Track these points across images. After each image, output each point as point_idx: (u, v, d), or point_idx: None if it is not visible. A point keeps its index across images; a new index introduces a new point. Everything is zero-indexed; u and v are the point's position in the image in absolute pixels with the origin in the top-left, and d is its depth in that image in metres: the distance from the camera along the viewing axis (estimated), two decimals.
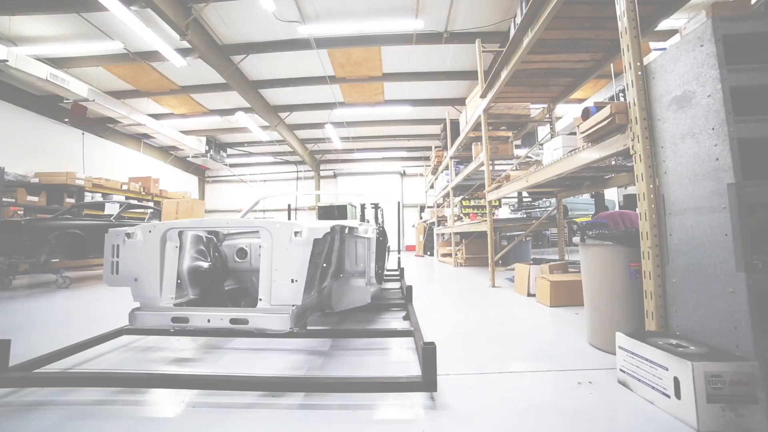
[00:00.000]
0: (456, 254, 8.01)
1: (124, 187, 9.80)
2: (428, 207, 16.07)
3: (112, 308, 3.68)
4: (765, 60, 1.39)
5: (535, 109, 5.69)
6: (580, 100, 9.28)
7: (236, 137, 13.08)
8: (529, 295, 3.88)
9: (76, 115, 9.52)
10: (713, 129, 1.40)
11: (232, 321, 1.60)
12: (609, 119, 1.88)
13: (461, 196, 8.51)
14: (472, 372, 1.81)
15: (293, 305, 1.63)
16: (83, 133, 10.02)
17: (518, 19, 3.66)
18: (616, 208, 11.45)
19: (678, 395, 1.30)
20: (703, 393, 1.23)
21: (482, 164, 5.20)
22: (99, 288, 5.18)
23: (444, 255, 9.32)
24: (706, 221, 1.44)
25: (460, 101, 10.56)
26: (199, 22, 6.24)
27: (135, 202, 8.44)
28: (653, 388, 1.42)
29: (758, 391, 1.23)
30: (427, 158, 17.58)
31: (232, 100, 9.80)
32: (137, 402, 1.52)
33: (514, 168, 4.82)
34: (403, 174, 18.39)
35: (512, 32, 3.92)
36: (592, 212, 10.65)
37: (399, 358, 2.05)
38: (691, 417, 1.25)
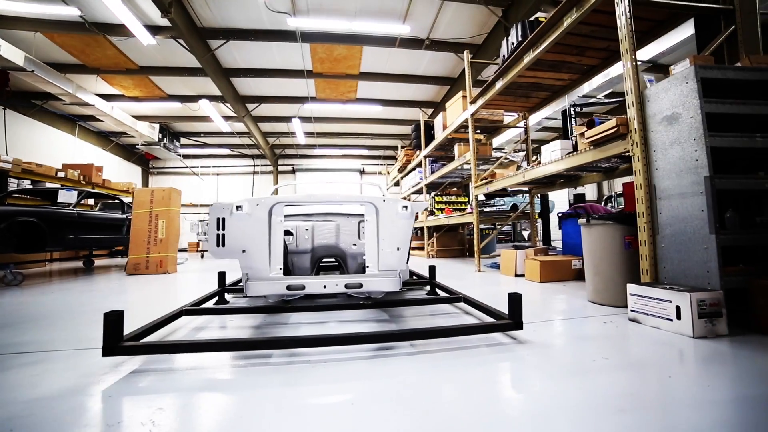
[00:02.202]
0: (428, 247, 8.64)
1: (60, 175, 8.57)
2: None
3: (87, 305, 3.47)
4: (724, 96, 2.10)
5: (508, 116, 6.52)
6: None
7: (193, 126, 12.15)
8: (516, 275, 4.57)
9: None
10: (694, 139, 2.08)
11: (347, 286, 1.84)
12: (615, 129, 2.53)
13: (434, 192, 9.17)
14: (524, 322, 2.30)
15: (399, 270, 1.93)
16: (4, 109, 8.51)
17: (512, 39, 4.31)
18: (555, 208, 13.27)
19: (679, 317, 1.93)
20: (696, 313, 1.87)
21: (467, 162, 5.85)
22: (62, 285, 4.64)
23: (412, 248, 9.92)
24: (688, 202, 2.12)
25: (428, 104, 11.29)
26: (181, 1, 5.88)
27: (84, 191, 7.46)
28: (658, 317, 2.05)
29: (723, 309, 1.91)
30: (388, 157, 18.19)
31: (196, 85, 9.19)
32: (265, 363, 1.66)
33: (497, 167, 5.54)
34: (363, 172, 18.70)
35: (504, 49, 4.57)
36: (538, 210, 12.20)
37: (459, 318, 2.46)
38: (688, 330, 1.88)
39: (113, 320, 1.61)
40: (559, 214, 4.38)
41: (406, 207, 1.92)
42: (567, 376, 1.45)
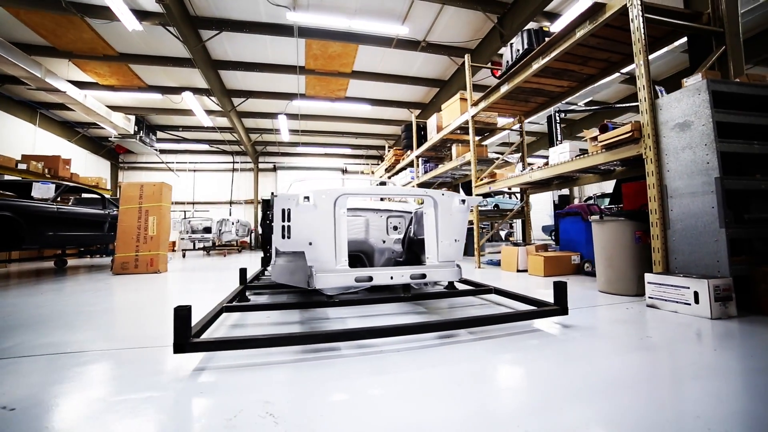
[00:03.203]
0: None
1: (21, 167, 7.86)
2: None
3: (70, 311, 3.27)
4: (731, 107, 2.38)
5: (501, 119, 6.81)
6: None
7: (172, 120, 11.51)
8: (518, 271, 4.81)
9: None
10: (706, 144, 2.34)
11: (411, 276, 1.90)
12: (630, 134, 2.77)
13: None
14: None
15: (456, 261, 2.02)
16: None
17: (517, 46, 4.54)
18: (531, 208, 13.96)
19: (697, 302, 2.18)
20: (712, 297, 2.12)
21: (467, 163, 6.06)
22: (46, 286, 4.27)
23: None
24: (699, 201, 2.39)
25: (416, 105, 11.47)
26: None
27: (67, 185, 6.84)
28: (676, 302, 2.30)
29: (732, 293, 2.18)
30: (371, 156, 18.24)
31: (180, 77, 8.74)
32: (339, 355, 1.65)
33: (495, 167, 5.79)
34: (345, 171, 18.63)
35: (507, 56, 4.80)
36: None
37: (492, 308, 2.59)
38: (706, 312, 2.13)
39: (183, 315, 1.55)
40: (557, 213, 4.67)
41: (463, 201, 2.02)
42: (627, 351, 1.61)
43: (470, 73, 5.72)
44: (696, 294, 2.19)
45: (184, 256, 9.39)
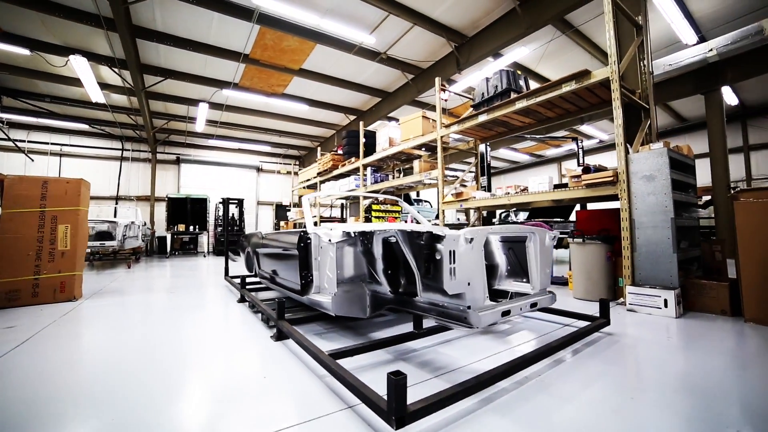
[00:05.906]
0: None
1: None
2: (295, 205, 15.89)
3: None
4: (680, 171, 3.41)
5: (459, 141, 7.57)
6: None
7: (36, 85, 8.44)
8: None
9: None
10: (665, 194, 3.30)
11: (531, 305, 2.11)
12: (612, 177, 3.63)
13: (369, 201, 9.49)
14: None
15: (549, 289, 2.33)
16: None
17: (495, 82, 5.22)
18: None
19: (666, 306, 3.07)
20: (676, 302, 3.03)
21: (435, 177, 6.54)
22: None
23: None
24: (659, 232, 3.33)
25: (353, 111, 11.51)
26: None
27: None
28: (650, 307, 3.17)
29: (681, 299, 3.15)
30: (291, 156, 17.29)
31: (70, 33, 6.59)
32: (504, 391, 1.77)
33: (460, 184, 6.44)
34: (260, 169, 17.19)
35: (480, 89, 5.45)
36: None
37: (524, 323, 3.02)
38: (672, 313, 3.03)
39: (401, 385, 1.34)
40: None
41: (554, 237, 2.34)
42: (677, 347, 2.22)
43: (439, 95, 6.20)
44: (665, 300, 3.08)
45: None
